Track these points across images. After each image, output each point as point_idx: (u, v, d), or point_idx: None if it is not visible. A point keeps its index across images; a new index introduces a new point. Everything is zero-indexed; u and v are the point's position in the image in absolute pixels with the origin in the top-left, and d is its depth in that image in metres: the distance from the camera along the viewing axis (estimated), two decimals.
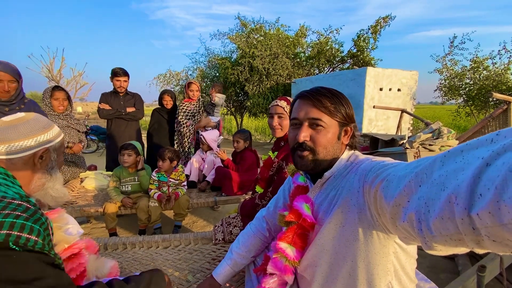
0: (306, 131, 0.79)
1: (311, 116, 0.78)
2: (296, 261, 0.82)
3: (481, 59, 7.66)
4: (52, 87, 2.43)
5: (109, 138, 3.08)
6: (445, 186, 0.40)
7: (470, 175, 0.36)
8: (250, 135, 2.71)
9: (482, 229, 0.35)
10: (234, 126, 12.92)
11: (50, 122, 0.87)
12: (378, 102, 6.69)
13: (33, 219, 0.64)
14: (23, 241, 0.60)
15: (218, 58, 10.20)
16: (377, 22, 9.02)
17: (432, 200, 0.42)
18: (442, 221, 0.40)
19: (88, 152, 7.15)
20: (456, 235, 0.39)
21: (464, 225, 0.37)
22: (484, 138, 0.39)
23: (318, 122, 0.77)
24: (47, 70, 11.48)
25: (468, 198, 0.36)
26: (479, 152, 0.38)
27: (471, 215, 0.35)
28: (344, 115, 0.79)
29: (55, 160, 0.86)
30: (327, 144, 0.77)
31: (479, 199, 0.35)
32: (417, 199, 0.46)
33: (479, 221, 0.35)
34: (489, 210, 0.33)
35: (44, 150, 0.81)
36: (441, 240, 0.42)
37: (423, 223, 0.44)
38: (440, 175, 0.42)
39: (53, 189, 0.86)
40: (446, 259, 2.16)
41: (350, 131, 0.82)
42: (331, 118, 0.78)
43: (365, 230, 0.68)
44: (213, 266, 1.36)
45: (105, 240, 1.53)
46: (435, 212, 0.41)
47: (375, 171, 0.64)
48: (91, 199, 2.39)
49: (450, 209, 0.39)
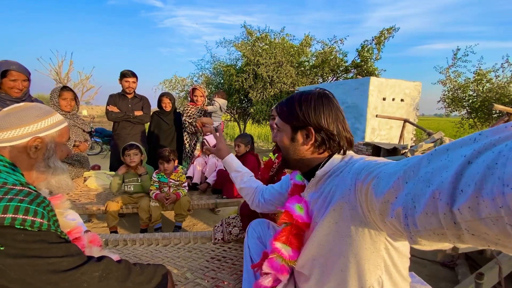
0: (274, 133, 0.92)
1: (274, 119, 0.93)
2: (293, 261, 0.84)
3: (485, 72, 7.68)
4: (60, 87, 2.51)
5: (115, 139, 3.12)
6: (431, 183, 0.43)
7: (453, 172, 0.39)
8: (251, 139, 2.74)
9: (462, 223, 0.37)
10: (237, 133, 12.97)
11: (47, 111, 0.84)
12: (381, 112, 6.72)
13: (36, 202, 0.66)
14: (29, 223, 0.63)
15: (223, 65, 10.35)
16: (381, 33, 9.13)
17: (418, 196, 0.44)
18: (427, 216, 0.42)
19: (92, 154, 7.23)
20: (439, 229, 0.41)
21: (446, 219, 0.39)
22: (468, 137, 0.42)
23: (275, 125, 0.89)
24: (55, 73, 11.73)
25: (451, 194, 0.38)
26: (462, 150, 0.40)
27: (453, 210, 0.38)
28: (294, 120, 0.82)
29: (52, 149, 0.84)
30: (282, 145, 0.86)
31: (460, 194, 0.37)
32: (404, 195, 0.48)
33: (460, 216, 0.37)
34: (469, 205, 0.35)
35: (37, 140, 0.79)
36: (425, 234, 0.44)
37: (410, 218, 0.46)
38: (426, 172, 0.45)
39: (54, 178, 0.85)
40: (445, 268, 2.14)
41: (312, 135, 0.81)
42: (283, 122, 0.86)
43: (357, 227, 0.69)
44: (212, 265, 1.38)
45: (106, 236, 1.56)
46: (420, 207, 0.44)
47: (368, 169, 0.66)
48: (93, 197, 2.42)
49: (434, 204, 0.41)
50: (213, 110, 3.50)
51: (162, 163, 2.32)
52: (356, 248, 0.70)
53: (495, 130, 0.39)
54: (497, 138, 0.36)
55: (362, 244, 0.70)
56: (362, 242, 0.70)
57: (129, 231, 2.69)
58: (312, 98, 0.81)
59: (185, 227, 2.81)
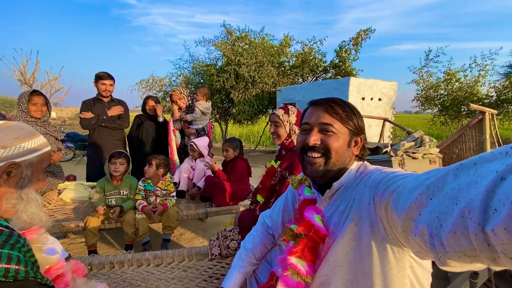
0: (317, 135, 0.79)
1: (323, 121, 0.79)
2: (309, 277, 0.78)
3: (454, 72, 8.18)
4: (30, 92, 2.26)
5: (91, 147, 2.88)
6: (458, 200, 0.39)
7: (484, 189, 0.35)
8: (240, 144, 2.66)
9: (497, 246, 0.34)
10: (218, 133, 12.79)
11: (29, 133, 0.74)
12: (361, 111, 6.82)
13: (10, 244, 0.56)
14: (2, 272, 0.52)
15: (203, 65, 10.13)
16: (358, 34, 9.39)
17: (444, 214, 0.41)
18: (455, 236, 0.39)
19: (65, 161, 6.74)
20: (471, 251, 0.38)
21: (479, 241, 0.36)
22: (498, 151, 0.38)
23: (329, 127, 0.78)
24: (19, 73, 10.84)
25: (482, 213, 0.35)
26: (493, 165, 0.37)
27: (486, 231, 0.34)
28: (355, 124, 0.80)
29: (28, 178, 0.72)
30: (338, 149, 0.77)
31: (494, 214, 0.34)
32: (428, 212, 0.45)
33: (494, 238, 0.33)
34: (504, 226, 0.32)
35: (10, 165, 0.68)
36: (455, 256, 0.41)
37: (435, 238, 0.43)
38: (452, 188, 0.41)
39: (26, 212, 0.73)
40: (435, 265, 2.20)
41: (361, 142, 0.82)
42: (342, 124, 0.79)
43: (378, 244, 0.66)
44: (211, 285, 1.28)
45: (89, 259, 1.40)
46: (447, 227, 0.40)
47: (385, 183, 0.63)
48: (70, 212, 2.21)
49: (463, 224, 0.37)
50: (193, 118, 3.24)
51: (145, 164, 2.17)
52: (380, 267, 0.66)
53: None
54: None
55: (386, 264, 0.66)
56: (386, 262, 0.66)
57: (112, 247, 2.50)
58: (353, 106, 0.84)
59: (172, 237, 2.66)
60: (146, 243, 2.11)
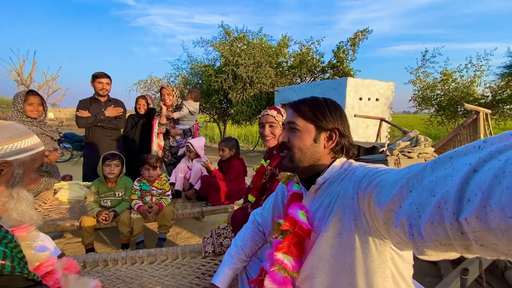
0: (284, 133, 0.86)
1: (288, 120, 0.85)
2: (295, 272, 0.80)
3: (450, 72, 8.23)
4: (26, 92, 2.27)
5: (87, 147, 2.89)
6: (435, 192, 0.41)
7: (458, 181, 0.38)
8: (236, 143, 2.67)
9: (470, 234, 0.36)
10: (217, 134, 12.80)
11: (22, 132, 0.75)
12: (358, 111, 6.94)
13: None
14: None
15: (201, 66, 10.14)
16: (356, 35, 9.43)
17: (423, 206, 0.43)
18: (432, 226, 0.41)
19: (62, 161, 6.73)
20: (446, 240, 0.40)
21: (453, 230, 0.38)
22: (472, 145, 0.41)
23: (293, 125, 0.83)
24: (16, 73, 10.81)
25: (457, 203, 0.37)
26: (467, 158, 0.39)
27: (460, 220, 0.37)
28: (323, 120, 0.81)
29: (19, 176, 0.73)
30: (301, 146, 0.81)
31: (467, 204, 0.36)
32: (408, 204, 0.47)
33: (467, 226, 0.36)
34: (476, 215, 0.34)
35: (2, 164, 0.69)
36: (432, 245, 0.43)
37: (415, 228, 0.45)
38: (430, 181, 0.43)
39: (17, 210, 0.74)
40: (429, 264, 2.22)
41: (336, 137, 0.82)
42: (305, 121, 0.82)
43: (361, 237, 0.67)
44: (203, 282, 1.30)
45: (83, 257, 1.41)
46: (425, 217, 0.42)
47: (369, 178, 0.64)
48: (66, 212, 2.22)
49: (439, 214, 0.40)
50: (180, 116, 3.20)
51: (148, 169, 2.17)
52: (363, 260, 0.68)
53: (501, 137, 0.38)
54: (503, 146, 0.35)
55: (368, 256, 0.68)
56: (368, 254, 0.68)
57: (108, 247, 2.51)
58: (336, 104, 0.86)
59: (168, 236, 2.68)
60: (140, 243, 2.12)
